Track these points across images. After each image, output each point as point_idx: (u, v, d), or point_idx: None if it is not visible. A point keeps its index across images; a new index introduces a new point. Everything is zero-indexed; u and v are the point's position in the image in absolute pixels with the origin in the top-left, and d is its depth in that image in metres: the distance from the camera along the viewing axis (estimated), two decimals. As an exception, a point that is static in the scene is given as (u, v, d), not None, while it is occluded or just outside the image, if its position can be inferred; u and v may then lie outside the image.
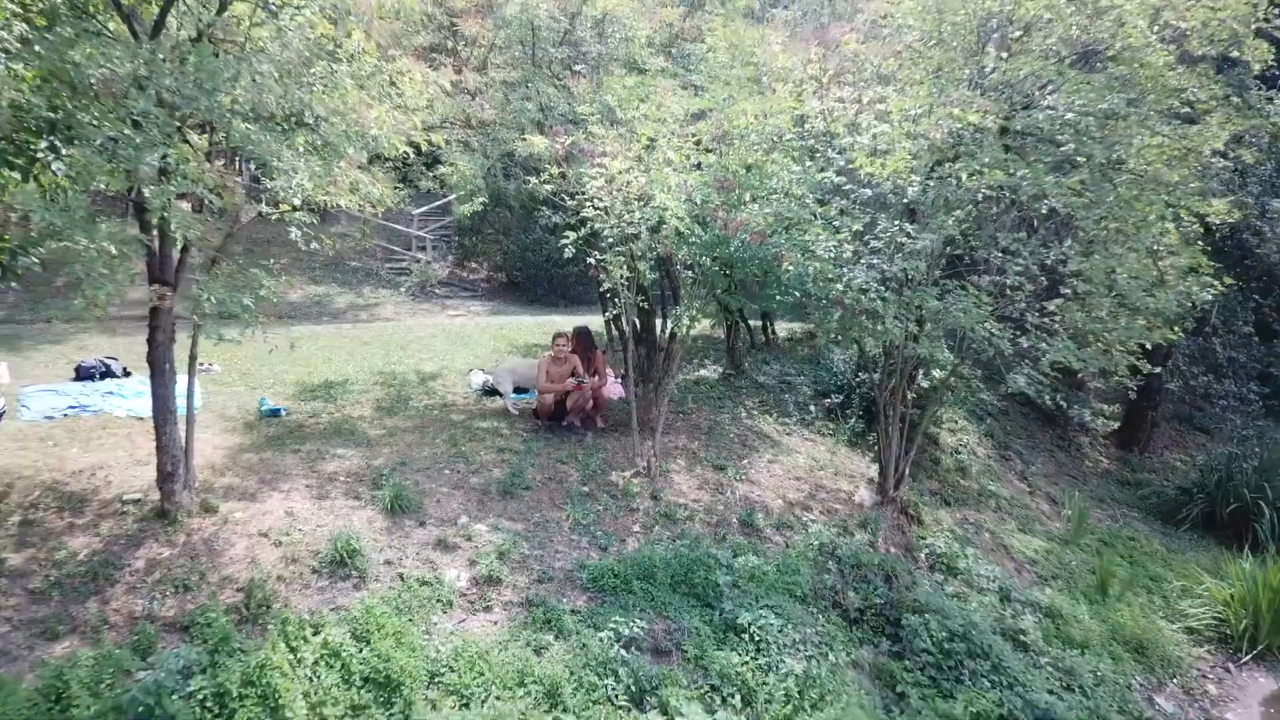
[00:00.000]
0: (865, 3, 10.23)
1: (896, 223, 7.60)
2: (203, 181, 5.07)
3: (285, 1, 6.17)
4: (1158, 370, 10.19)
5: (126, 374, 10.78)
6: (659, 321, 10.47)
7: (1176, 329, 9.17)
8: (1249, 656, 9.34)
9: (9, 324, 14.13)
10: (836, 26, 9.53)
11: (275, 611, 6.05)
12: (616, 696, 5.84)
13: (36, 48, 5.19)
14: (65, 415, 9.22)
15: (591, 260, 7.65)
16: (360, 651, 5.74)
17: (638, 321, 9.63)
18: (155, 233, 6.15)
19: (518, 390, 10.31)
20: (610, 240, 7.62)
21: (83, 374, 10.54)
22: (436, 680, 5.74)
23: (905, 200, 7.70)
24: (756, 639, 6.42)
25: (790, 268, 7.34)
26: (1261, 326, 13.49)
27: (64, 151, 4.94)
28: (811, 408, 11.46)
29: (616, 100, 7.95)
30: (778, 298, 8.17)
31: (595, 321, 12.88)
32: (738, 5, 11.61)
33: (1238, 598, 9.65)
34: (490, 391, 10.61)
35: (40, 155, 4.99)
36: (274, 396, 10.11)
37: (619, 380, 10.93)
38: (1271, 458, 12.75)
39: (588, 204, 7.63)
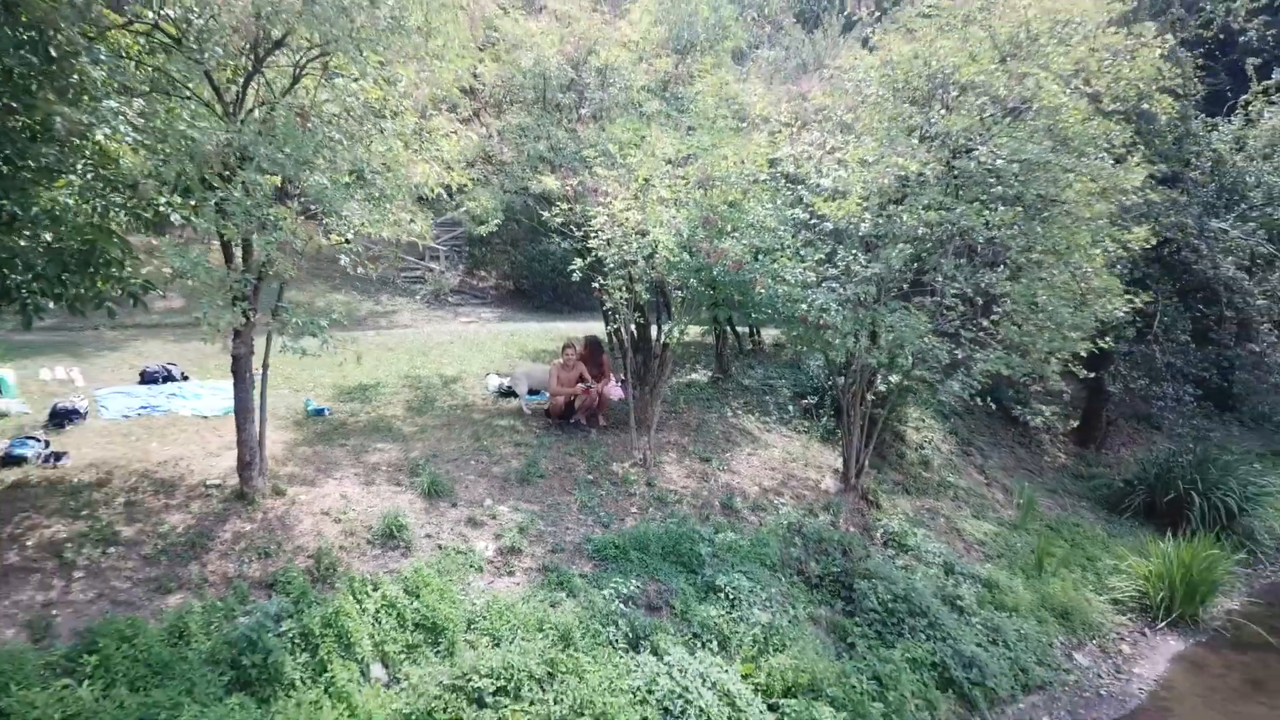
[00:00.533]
0: (832, 57, 11.64)
1: (854, 253, 9.04)
2: (295, 233, 6.50)
3: (345, 73, 7.61)
4: (1092, 375, 11.65)
5: (185, 378, 12.22)
6: (654, 331, 11.91)
7: (1109, 338, 10.61)
8: (1164, 623, 10.80)
9: (62, 331, 15.54)
10: (806, 80, 10.94)
11: (340, 573, 7.49)
12: (617, 641, 7.28)
13: (157, 122, 6.64)
14: (139, 414, 10.65)
15: (596, 285, 9.08)
16: (412, 603, 7.19)
17: (635, 333, 11.09)
18: (239, 264, 7.58)
19: (531, 392, 11.76)
20: (611, 266, 9.06)
21: (147, 378, 11.98)
22: (473, 625, 7.19)
23: (860, 234, 9.13)
24: (731, 597, 7.88)
25: (762, 290, 8.77)
26: (1199, 334, 14.94)
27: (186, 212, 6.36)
28: (790, 408, 12.90)
29: (617, 147, 9.38)
30: (753, 314, 9.60)
31: (596, 327, 14.31)
32: (725, 46, 13.08)
33: (1156, 573, 11.09)
34: (506, 393, 12.06)
35: (170, 213, 6.41)
36: (316, 398, 11.56)
37: (619, 383, 12.37)
38: (1204, 453, 14.21)
39: (593, 235, 9.06)
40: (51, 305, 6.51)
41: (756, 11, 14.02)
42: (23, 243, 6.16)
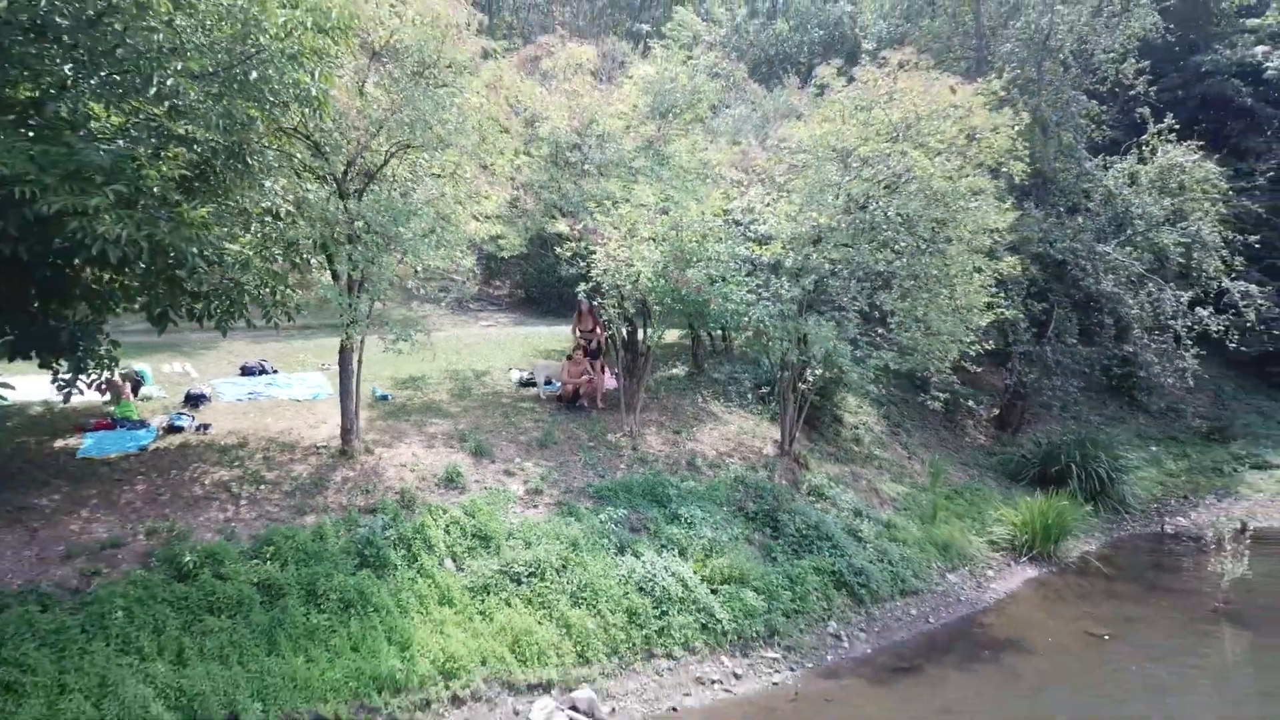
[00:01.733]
0: (775, 127, 15.06)
1: (782, 280, 12.46)
2: (396, 273, 9.93)
3: (419, 154, 11.04)
4: (978, 370, 15.04)
5: (274, 371, 15.66)
6: (641, 335, 15.33)
7: (1009, 339, 13.99)
8: (1025, 557, 14.24)
9: (168, 334, 18.93)
10: (755, 149, 14.35)
11: (419, 502, 10.91)
12: (609, 548, 10.72)
13: (307, 204, 10.08)
14: (248, 398, 14.09)
15: (596, 302, 12.52)
16: (470, 521, 10.63)
17: (626, 337, 14.49)
18: (344, 286, 11.00)
19: (547, 382, 15.18)
20: (606, 288, 12.48)
21: (246, 371, 15.42)
22: (511, 536, 10.62)
23: (785, 267, 12.55)
24: (689, 522, 11.33)
25: (715, 307, 12.20)
26: (1086, 337, 18.35)
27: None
28: (749, 395, 16.33)
29: (611, 202, 12.80)
30: (711, 324, 13.03)
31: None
32: (699, 109, 16.51)
33: (1023, 520, 14.52)
34: (526, 383, 15.51)
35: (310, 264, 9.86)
36: (380, 386, 14.98)
37: (613, 375, 15.80)
38: (1084, 434, 17.63)
39: (594, 266, 12.48)
40: (236, 320, 9.94)
41: (724, 79, 17.46)
42: (218, 280, 9.57)
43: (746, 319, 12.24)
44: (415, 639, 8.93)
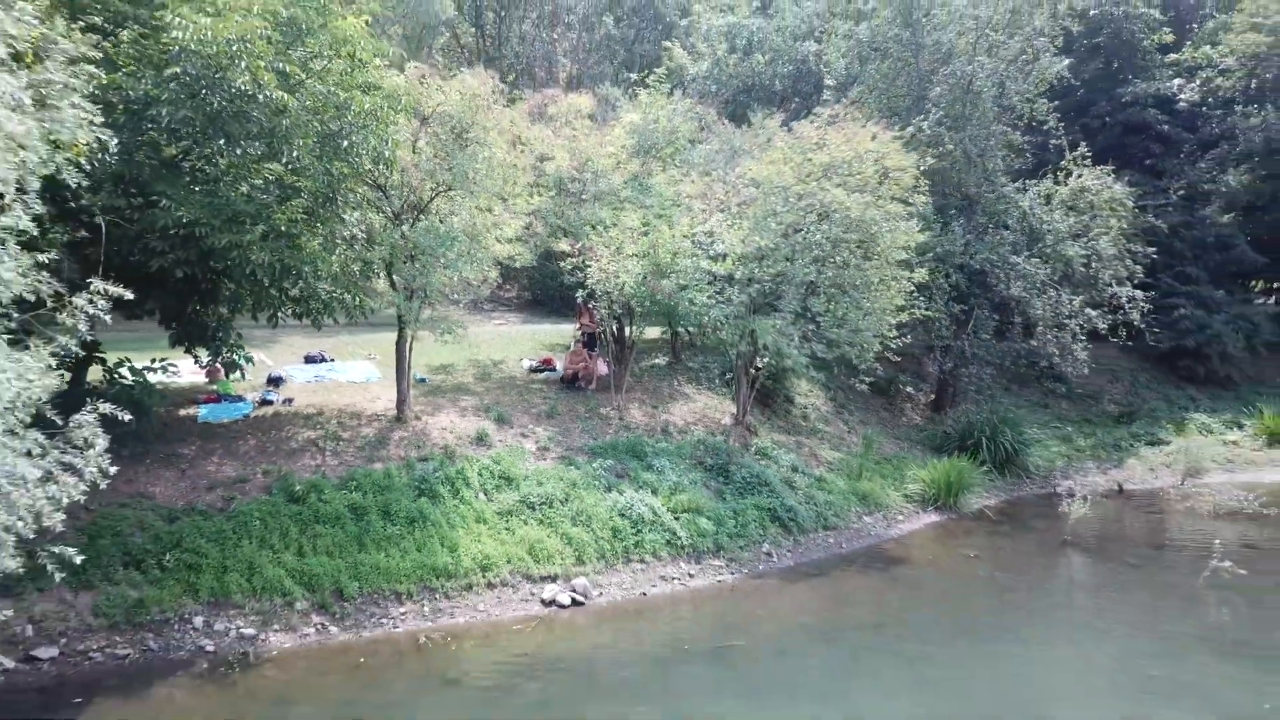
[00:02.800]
0: (740, 161, 18.80)
1: (734, 288, 16.16)
2: (442, 283, 13.64)
3: (457, 194, 14.74)
4: (899, 359, 18.72)
5: (331, 360, 19.38)
6: (627, 332, 19.03)
7: (932, 335, 17.64)
8: (932, 508, 17.95)
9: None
10: (718, 185, 18.07)
11: (459, 454, 14.63)
12: (599, 487, 14.44)
13: (375, 232, 13.80)
14: (315, 380, 17.80)
15: (591, 304, 16.25)
16: (496, 467, 14.36)
17: (615, 332, 18.23)
18: (404, 293, 14.69)
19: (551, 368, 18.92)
20: (599, 294, 16.17)
21: (309, 360, 19.15)
22: (527, 478, 14.35)
23: (736, 278, 16.24)
24: (660, 470, 15.07)
25: (682, 309, 15.92)
26: (999, 333, 22.05)
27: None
28: (716, 380, 20.04)
29: (603, 226, 16.53)
30: (680, 323, 16.77)
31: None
32: (677, 146, 20.25)
33: (932, 478, 18.22)
34: (535, 370, 19.23)
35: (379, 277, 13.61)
36: (418, 371, 18.69)
37: (605, 363, 19.51)
38: (996, 414, 21.34)
39: (589, 278, 16.18)
40: (329, 319, 13.65)
41: (698, 121, 21.18)
42: (315, 289, 13.26)
43: (706, 318, 15.93)
44: (460, 545, 12.65)
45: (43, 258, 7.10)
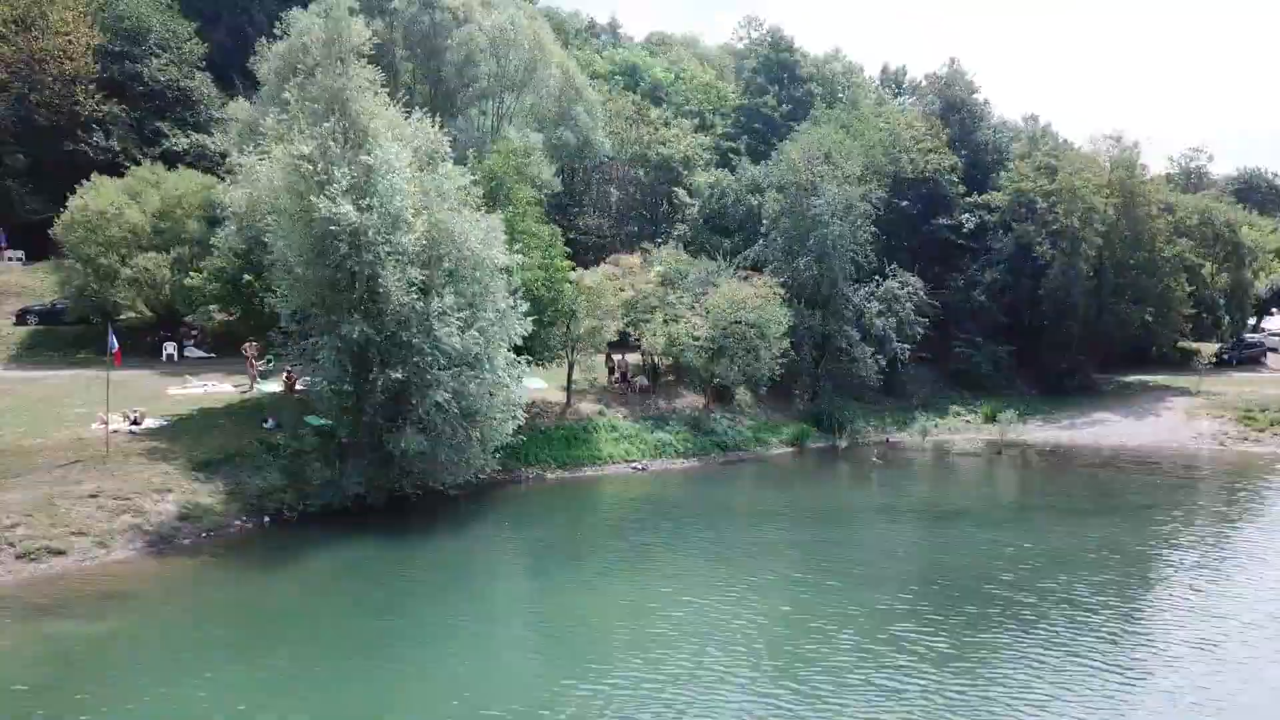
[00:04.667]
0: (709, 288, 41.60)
1: (700, 344, 38.93)
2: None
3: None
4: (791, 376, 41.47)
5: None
6: (655, 366, 41.67)
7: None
8: (791, 447, 40.68)
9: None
10: (698, 303, 40.64)
11: (590, 422, 37.39)
12: (650, 429, 37.29)
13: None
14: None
15: (622, 356, 39.17)
16: (609, 422, 37.20)
17: (650, 366, 41.11)
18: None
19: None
20: (642, 352, 38.76)
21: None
22: (617, 429, 37.18)
23: (703, 343, 38.85)
24: (674, 424, 38.02)
25: (682, 359, 38.70)
26: (841, 361, 44.79)
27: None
28: (696, 387, 42.75)
29: (645, 323, 39.32)
30: (682, 360, 39.76)
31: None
32: (684, 275, 43.03)
33: (792, 433, 40.90)
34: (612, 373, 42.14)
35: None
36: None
37: (647, 382, 42.15)
38: (835, 403, 44.04)
39: (643, 341, 38.83)
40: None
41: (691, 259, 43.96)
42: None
43: (694, 360, 38.58)
44: (601, 446, 35.37)
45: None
